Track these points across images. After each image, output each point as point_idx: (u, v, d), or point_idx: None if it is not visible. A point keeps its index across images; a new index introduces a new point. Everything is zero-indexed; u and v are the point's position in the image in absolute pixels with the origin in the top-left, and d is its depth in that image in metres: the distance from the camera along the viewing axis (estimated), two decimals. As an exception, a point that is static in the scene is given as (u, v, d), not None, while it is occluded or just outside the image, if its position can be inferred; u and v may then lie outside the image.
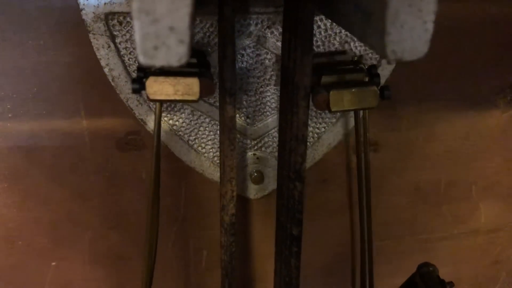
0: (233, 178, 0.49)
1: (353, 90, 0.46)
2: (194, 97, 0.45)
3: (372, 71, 0.52)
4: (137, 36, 0.28)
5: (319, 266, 0.75)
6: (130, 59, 0.53)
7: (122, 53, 0.53)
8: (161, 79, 0.44)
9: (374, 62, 0.58)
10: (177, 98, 0.44)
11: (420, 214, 0.74)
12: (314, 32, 0.53)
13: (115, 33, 0.52)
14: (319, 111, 0.60)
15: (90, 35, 0.51)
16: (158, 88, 0.44)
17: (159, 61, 0.29)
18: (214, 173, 0.62)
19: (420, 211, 0.73)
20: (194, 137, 0.60)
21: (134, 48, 0.53)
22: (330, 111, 0.47)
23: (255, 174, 0.62)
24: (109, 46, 0.52)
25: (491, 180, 0.73)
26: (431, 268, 0.64)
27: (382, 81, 0.59)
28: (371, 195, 0.62)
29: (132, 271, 0.67)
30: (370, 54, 0.57)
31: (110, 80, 0.54)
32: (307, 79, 0.45)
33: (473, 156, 0.70)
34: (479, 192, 0.74)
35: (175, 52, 0.29)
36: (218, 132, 0.59)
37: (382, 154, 0.67)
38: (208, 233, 0.68)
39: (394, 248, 0.76)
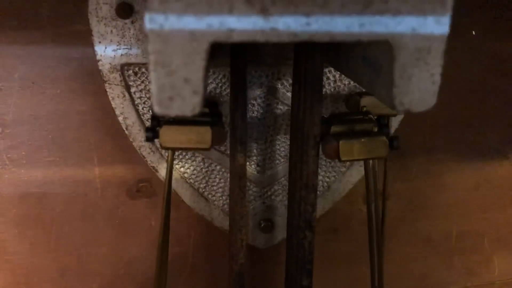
0: (242, 226, 0.49)
1: (362, 140, 0.47)
2: (206, 145, 0.46)
3: (381, 122, 0.52)
4: (153, 87, 0.29)
5: (329, 319, 0.73)
6: (144, 108, 0.55)
7: (136, 102, 0.54)
8: (174, 128, 0.45)
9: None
10: (190, 146, 0.45)
11: (432, 266, 0.72)
12: (323, 83, 0.55)
13: (130, 83, 0.53)
14: (329, 160, 0.61)
15: (106, 84, 0.53)
16: (171, 136, 0.45)
17: (174, 111, 0.30)
18: (223, 222, 0.62)
19: (431, 262, 0.72)
20: (204, 185, 0.60)
21: (148, 98, 0.54)
22: (340, 161, 0.47)
23: (265, 223, 0.62)
24: (124, 96, 0.54)
25: (503, 231, 0.72)
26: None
27: (391, 131, 0.60)
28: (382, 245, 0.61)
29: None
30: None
31: (124, 129, 0.55)
32: (316, 128, 0.46)
33: (484, 207, 0.70)
34: (491, 244, 0.73)
35: (189, 103, 0.30)
36: (228, 180, 0.60)
37: (391, 204, 0.67)
38: (216, 283, 0.67)
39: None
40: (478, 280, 0.75)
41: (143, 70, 0.53)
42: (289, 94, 0.56)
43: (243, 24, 0.28)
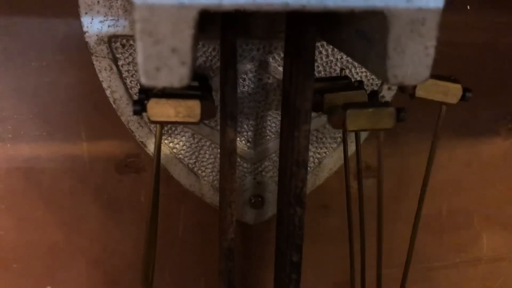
0: (232, 202, 0.49)
1: (369, 110, 0.46)
2: (195, 119, 0.45)
3: (373, 97, 0.52)
4: (139, 57, 0.28)
5: (318, 295, 0.73)
6: (132, 82, 0.53)
7: (124, 75, 0.53)
8: (162, 101, 0.44)
9: (375, 88, 0.58)
10: (178, 120, 0.44)
11: (422, 242, 0.73)
12: (315, 57, 0.54)
13: (117, 55, 0.52)
14: (320, 136, 0.60)
15: (93, 57, 0.52)
16: (159, 110, 0.44)
17: (161, 82, 0.29)
18: (213, 198, 0.62)
19: (421, 239, 0.72)
20: (194, 161, 0.59)
21: (136, 71, 0.53)
22: (346, 130, 0.46)
23: (255, 198, 0.62)
24: (111, 69, 0.52)
25: (492, 209, 0.72)
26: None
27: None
28: (371, 222, 0.61)
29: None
30: (371, 80, 0.58)
31: (112, 103, 0.54)
32: (308, 103, 0.45)
33: (475, 184, 0.70)
34: (481, 221, 0.73)
35: (177, 73, 0.29)
36: (218, 155, 0.59)
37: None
38: (206, 259, 0.67)
39: (395, 276, 0.74)
40: (467, 256, 0.76)
41: (131, 42, 0.52)
42: (281, 69, 0.55)
43: (233, -8, 0.27)
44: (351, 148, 0.61)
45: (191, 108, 0.44)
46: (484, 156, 0.68)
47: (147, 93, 0.46)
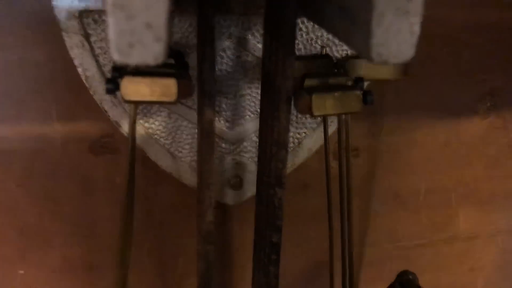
0: (211, 183, 0.48)
1: (336, 94, 0.45)
2: (171, 98, 0.43)
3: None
4: (111, 33, 0.27)
5: (298, 273, 0.74)
6: (105, 59, 0.51)
7: (96, 52, 0.51)
8: (136, 79, 0.42)
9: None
10: (154, 99, 0.42)
11: (400, 221, 0.73)
12: (295, 34, 0.52)
13: (89, 31, 0.50)
14: (300, 116, 0.59)
15: (63, 33, 0.49)
16: (134, 89, 0.42)
17: (134, 59, 0.27)
18: (191, 179, 0.60)
19: (399, 218, 0.73)
20: (170, 141, 0.58)
21: (109, 48, 0.51)
22: (312, 116, 0.46)
23: (234, 179, 0.61)
24: (83, 45, 0.50)
25: (470, 187, 0.73)
26: (410, 276, 0.63)
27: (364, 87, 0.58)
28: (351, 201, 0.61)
29: (105, 279, 0.65)
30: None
31: (84, 81, 0.52)
32: (288, 82, 0.44)
33: (453, 163, 0.70)
34: (458, 199, 0.74)
35: (152, 50, 0.27)
36: (195, 136, 0.58)
37: (362, 160, 0.67)
38: (184, 241, 0.66)
39: (373, 255, 0.75)
40: (444, 234, 0.77)
41: (104, 17, 0.49)
42: (260, 46, 0.54)
43: (210, -37, 0.26)
44: (332, 127, 0.60)
45: (167, 87, 0.43)
46: (463, 136, 0.68)
47: (120, 71, 0.44)
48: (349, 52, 0.56)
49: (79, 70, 0.51)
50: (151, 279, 0.68)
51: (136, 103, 0.45)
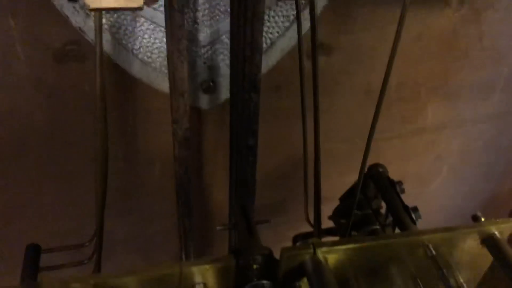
0: (185, 91, 0.47)
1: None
2: (138, 4, 0.41)
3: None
4: None
5: (272, 169, 0.76)
6: (60, -40, 0.47)
7: (50, -48, 0.47)
8: (99, -16, 0.39)
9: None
10: (119, 6, 0.40)
11: (371, 116, 0.74)
12: None
13: None
14: (272, 15, 0.57)
15: None
16: (97, -5, 0.39)
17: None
18: (162, 84, 0.59)
19: (370, 112, 0.74)
20: (138, 46, 0.56)
21: None
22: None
23: (206, 84, 0.60)
24: None
25: (439, 81, 0.74)
26: (380, 169, 0.66)
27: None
28: (322, 99, 0.61)
29: (84, 188, 0.66)
30: None
31: (40, -15, 0.48)
32: (260, -19, 0.42)
33: (424, 57, 0.70)
34: (427, 93, 0.75)
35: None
36: (164, 39, 0.56)
37: (334, 58, 0.66)
38: (159, 146, 0.66)
39: (345, 149, 0.77)
40: (412, 127, 0.79)
41: None
42: None
43: None
44: (305, 25, 0.59)
45: (132, -8, 0.40)
46: (434, 29, 0.68)
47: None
48: None
49: (33, -28, 0.47)
50: (129, 183, 0.69)
51: (101, 11, 0.43)
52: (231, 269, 0.39)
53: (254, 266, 0.41)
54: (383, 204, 0.63)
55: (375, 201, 0.65)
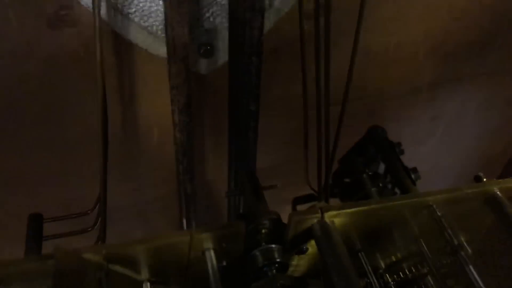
0: (185, 57, 0.46)
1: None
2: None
3: None
4: None
5: (271, 134, 0.75)
6: None
7: None
8: None
9: None
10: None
11: (370, 76, 0.74)
12: None
13: None
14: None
15: None
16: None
17: None
18: (159, 49, 0.58)
19: (370, 73, 0.73)
20: (134, 9, 0.54)
21: None
22: None
23: (204, 47, 0.58)
24: None
25: (437, 40, 0.73)
26: (379, 130, 0.66)
27: None
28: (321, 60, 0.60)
29: (86, 155, 0.65)
30: None
31: None
32: None
33: (423, 17, 0.69)
34: (426, 53, 0.74)
35: None
36: (160, 2, 0.54)
37: (334, 18, 0.65)
38: (158, 111, 0.65)
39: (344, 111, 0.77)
40: (410, 86, 0.79)
41: None
42: None
43: None
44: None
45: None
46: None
47: None
48: None
49: None
50: (129, 150, 0.69)
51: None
52: (241, 234, 0.40)
53: (263, 231, 0.41)
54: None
55: (374, 164, 0.65)
